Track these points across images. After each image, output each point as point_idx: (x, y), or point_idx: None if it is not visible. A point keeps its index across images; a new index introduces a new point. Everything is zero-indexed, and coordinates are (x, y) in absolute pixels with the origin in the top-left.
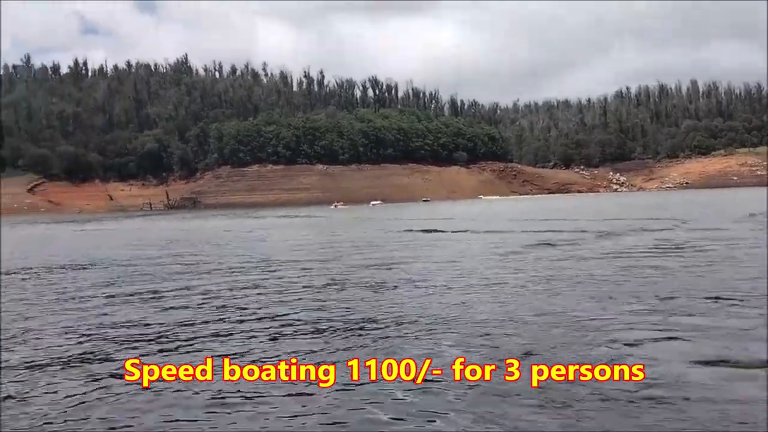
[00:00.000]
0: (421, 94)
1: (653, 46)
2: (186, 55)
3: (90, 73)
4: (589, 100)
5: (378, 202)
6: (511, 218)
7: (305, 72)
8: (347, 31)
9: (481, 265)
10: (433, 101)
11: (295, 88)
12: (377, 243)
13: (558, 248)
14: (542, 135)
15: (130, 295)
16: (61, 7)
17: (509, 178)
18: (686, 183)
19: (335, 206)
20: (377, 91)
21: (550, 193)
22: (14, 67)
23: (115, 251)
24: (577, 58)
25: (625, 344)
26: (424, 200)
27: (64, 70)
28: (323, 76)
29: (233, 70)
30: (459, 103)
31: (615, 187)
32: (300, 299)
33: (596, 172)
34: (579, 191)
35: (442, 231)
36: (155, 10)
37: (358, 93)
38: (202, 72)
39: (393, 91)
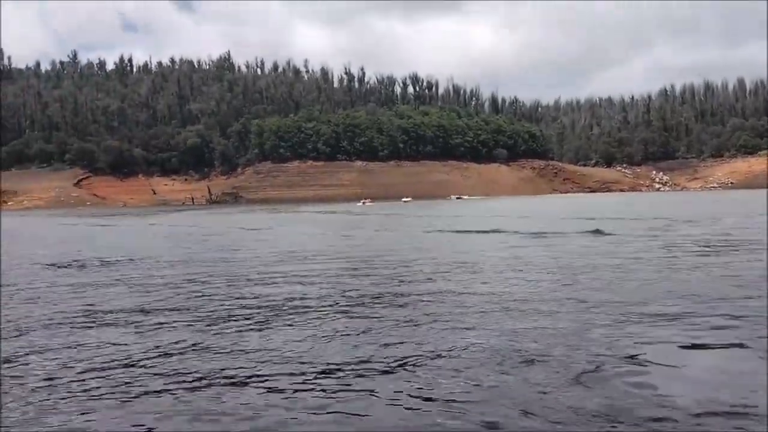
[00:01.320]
0: (462, 91)
1: (698, 43)
2: (228, 51)
3: (134, 70)
4: (632, 98)
5: (408, 199)
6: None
7: (346, 69)
8: (384, 30)
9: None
10: (474, 98)
11: (335, 85)
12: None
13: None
14: (584, 133)
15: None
16: (103, 6)
17: (550, 176)
18: (731, 183)
19: (363, 203)
20: (417, 88)
21: (591, 191)
22: (61, 63)
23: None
24: (620, 56)
25: None
26: (456, 197)
27: (109, 66)
28: (364, 73)
29: (275, 66)
30: (500, 101)
31: (658, 186)
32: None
33: (639, 170)
34: (621, 190)
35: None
36: (193, 8)
37: (398, 90)
38: (244, 68)
39: (433, 88)
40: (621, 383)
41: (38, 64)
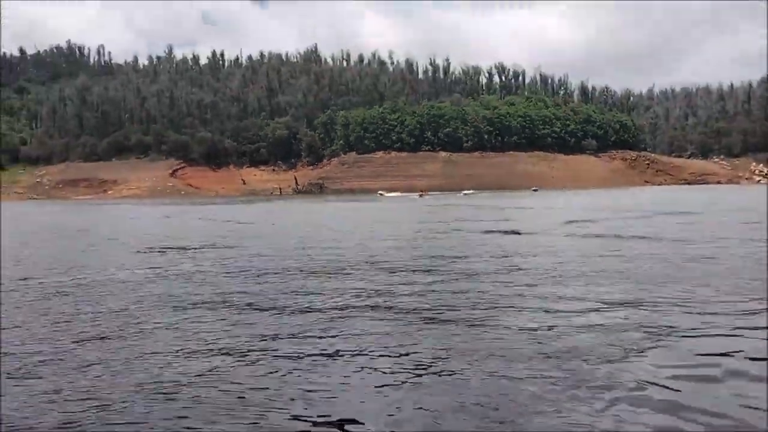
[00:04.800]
0: (549, 81)
1: None
2: (315, 45)
3: (226, 64)
4: (731, 86)
5: (470, 191)
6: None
7: (431, 60)
8: (463, 22)
9: None
10: (562, 87)
11: (420, 76)
12: None
13: None
14: (679, 123)
15: None
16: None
17: (642, 168)
18: None
19: (420, 195)
20: (503, 78)
21: (686, 183)
22: (157, 57)
23: None
24: (713, 40)
25: None
26: (533, 190)
27: (202, 61)
28: (449, 63)
29: (360, 59)
30: (589, 89)
31: (758, 178)
32: None
33: (737, 162)
34: (718, 182)
35: None
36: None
37: (483, 80)
38: (329, 61)
39: (520, 78)
40: None
41: (136, 60)
